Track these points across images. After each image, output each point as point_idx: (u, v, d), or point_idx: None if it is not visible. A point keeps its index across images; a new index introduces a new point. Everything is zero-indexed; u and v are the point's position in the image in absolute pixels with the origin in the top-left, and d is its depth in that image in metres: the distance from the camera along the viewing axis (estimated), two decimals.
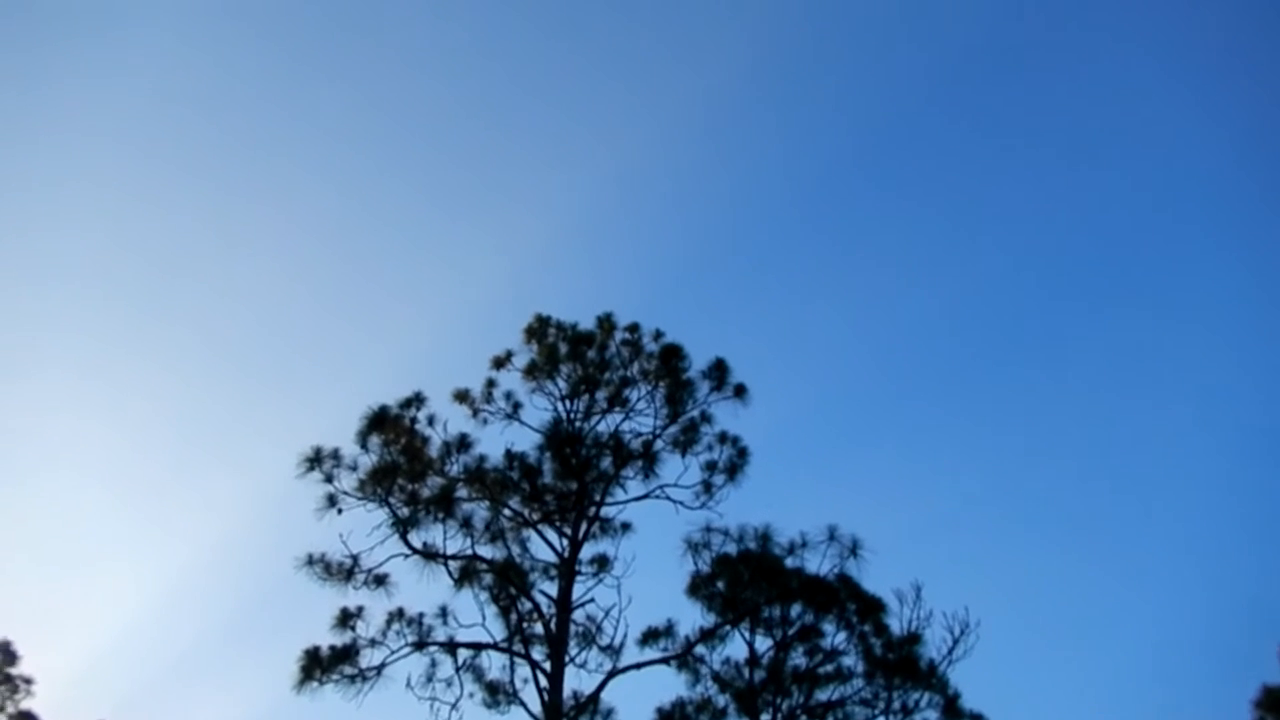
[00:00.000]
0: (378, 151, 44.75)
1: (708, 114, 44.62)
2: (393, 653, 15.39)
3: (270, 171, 44.65)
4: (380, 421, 16.46)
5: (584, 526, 16.62)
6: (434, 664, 15.70)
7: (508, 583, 15.65)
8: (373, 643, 15.33)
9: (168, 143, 41.60)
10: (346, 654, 15.21)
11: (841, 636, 16.23)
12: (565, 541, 16.42)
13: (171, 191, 42.57)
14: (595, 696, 15.66)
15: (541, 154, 45.95)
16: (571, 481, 16.75)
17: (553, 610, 15.52)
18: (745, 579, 15.84)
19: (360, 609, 15.43)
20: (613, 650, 15.69)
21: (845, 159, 46.31)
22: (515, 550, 16.24)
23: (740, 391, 17.50)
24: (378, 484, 15.98)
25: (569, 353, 17.77)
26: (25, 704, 22.70)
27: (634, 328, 18.00)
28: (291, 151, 44.09)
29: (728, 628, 15.83)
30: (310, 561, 15.49)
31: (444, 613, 15.60)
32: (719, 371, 17.57)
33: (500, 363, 17.85)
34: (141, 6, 38.20)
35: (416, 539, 15.75)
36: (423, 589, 15.55)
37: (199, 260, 41.95)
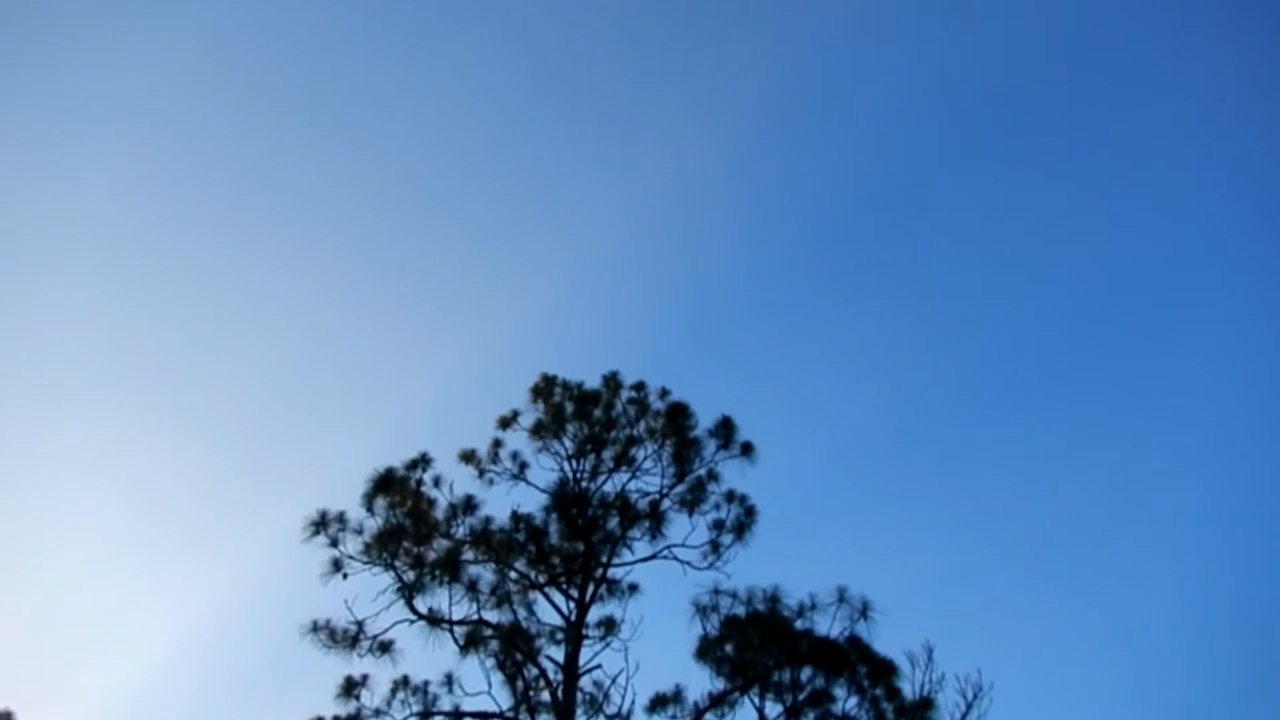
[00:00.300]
0: (385, 208, 44.97)
1: (716, 171, 44.83)
2: None
3: (276, 228, 44.90)
4: (386, 484, 16.40)
5: (591, 589, 16.48)
6: None
7: (514, 649, 15.46)
8: (377, 713, 15.15)
9: (173, 198, 41.84)
10: None
11: (853, 701, 15.94)
12: (572, 604, 16.27)
13: (175, 248, 42.75)
14: None
15: (549, 211, 46.17)
16: (578, 543, 16.64)
17: (559, 677, 15.32)
18: (755, 642, 15.62)
19: (365, 677, 15.29)
20: (620, 718, 15.46)
21: (856, 213, 46.36)
22: (521, 614, 16.07)
23: (747, 449, 17.45)
24: (383, 547, 15.87)
25: (575, 412, 17.75)
26: None
27: (640, 386, 18.02)
28: (299, 209, 44.35)
29: (737, 694, 15.58)
30: (315, 628, 15.35)
31: (449, 680, 15.44)
32: (726, 429, 17.53)
33: (506, 422, 17.86)
34: (143, 70, 38.54)
35: (422, 604, 15.58)
36: (428, 656, 15.38)
37: (203, 318, 42.03)
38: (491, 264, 45.74)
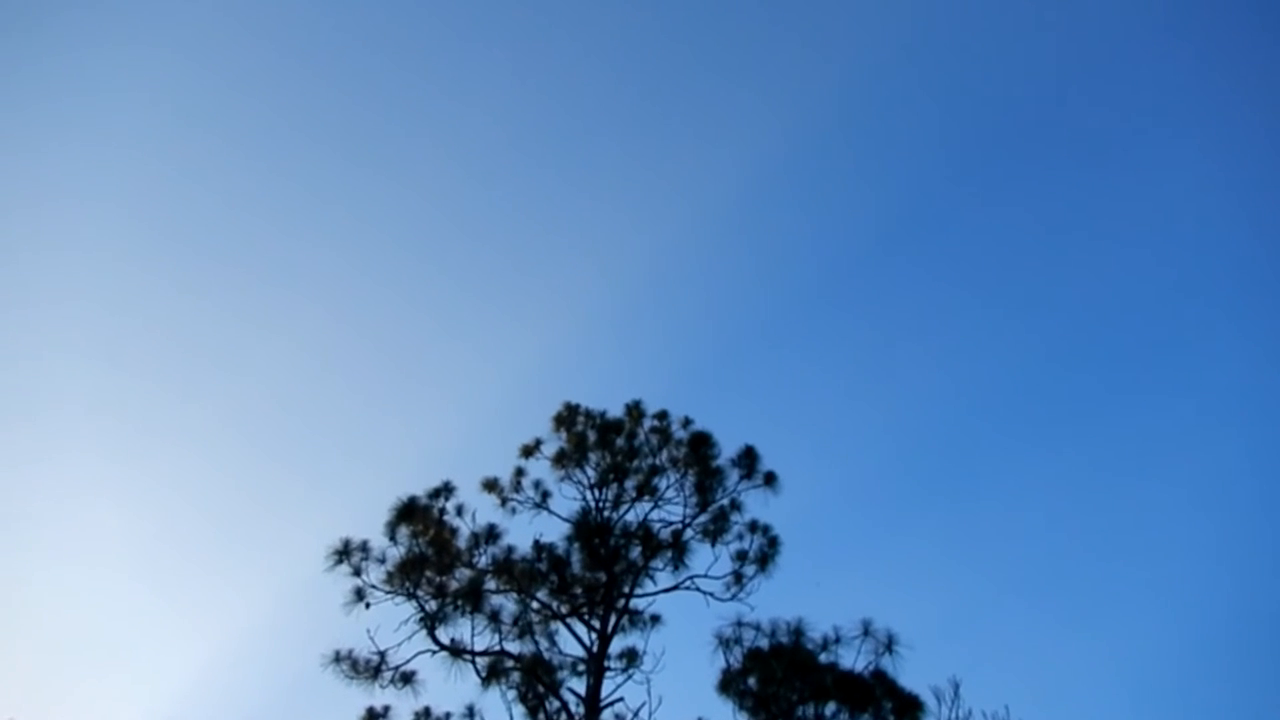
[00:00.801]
0: (410, 237, 45.30)
1: (738, 201, 44.92)
2: None
3: (299, 255, 45.19)
4: (409, 512, 16.43)
5: (613, 619, 16.41)
6: None
7: (536, 680, 15.39)
8: None
9: (194, 221, 42.25)
10: None
11: None
12: (594, 635, 16.20)
13: (199, 274, 43.03)
14: None
15: (572, 241, 46.39)
16: (600, 573, 16.60)
17: (581, 709, 15.23)
18: (778, 676, 15.49)
19: (387, 709, 15.26)
20: None
21: (875, 246, 46.41)
22: (543, 645, 16.00)
23: (770, 479, 17.40)
24: (406, 576, 15.88)
25: (598, 441, 17.75)
26: None
27: (662, 415, 18.01)
28: (323, 236, 44.70)
29: None
30: (337, 658, 15.33)
31: (471, 712, 15.34)
32: (748, 459, 17.49)
33: (529, 451, 17.87)
34: (147, 87, 38.97)
35: (444, 634, 15.56)
36: (450, 687, 15.31)
37: (226, 345, 42.33)
38: (515, 292, 45.89)
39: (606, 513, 17.18)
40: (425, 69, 44.76)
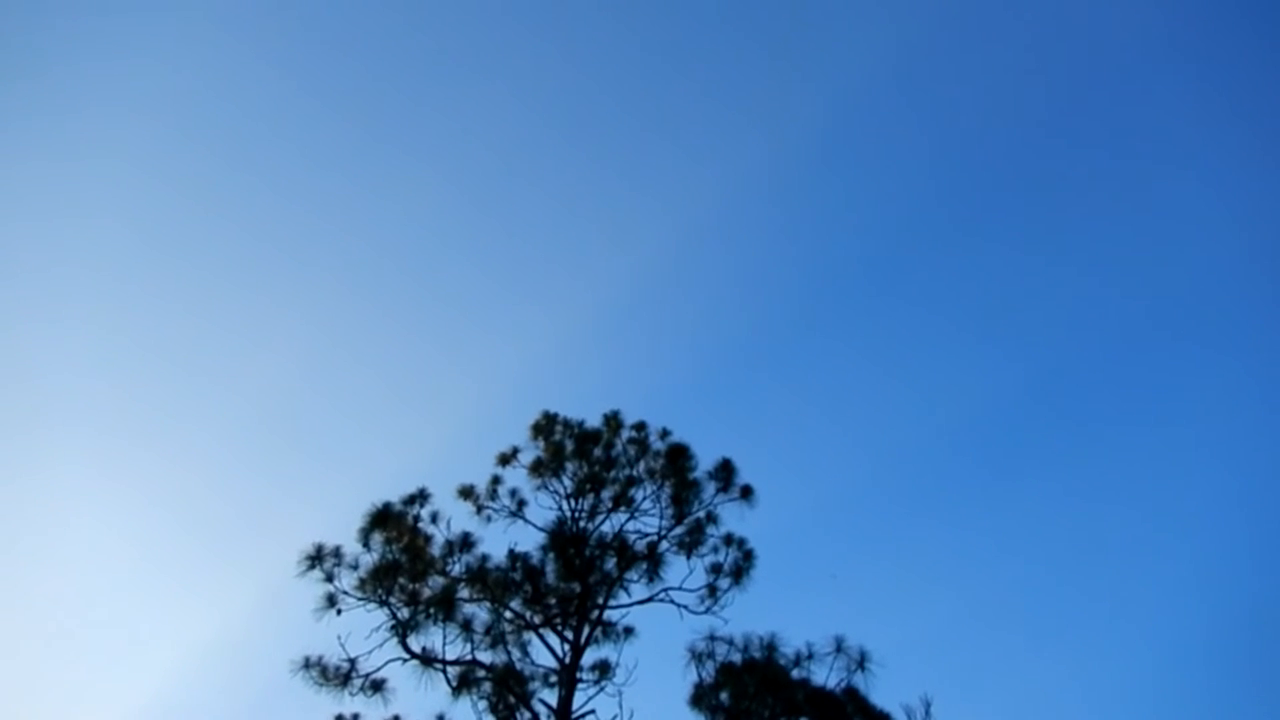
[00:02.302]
0: (388, 245, 45.19)
1: (720, 220, 45.12)
2: None
3: (279, 265, 45.02)
4: (383, 519, 16.31)
5: (586, 630, 16.34)
6: None
7: (507, 691, 15.31)
8: None
9: (179, 231, 41.97)
10: None
11: None
12: (567, 646, 16.13)
13: (176, 281, 42.74)
14: None
15: (554, 252, 46.43)
16: (575, 583, 16.52)
17: None
18: (750, 691, 15.46)
19: (356, 716, 15.13)
20: None
21: (856, 267, 46.75)
22: (516, 655, 15.92)
23: (747, 493, 17.35)
24: (378, 583, 15.76)
25: (575, 450, 17.67)
26: None
27: (640, 426, 17.96)
28: (303, 245, 44.58)
29: None
30: (307, 665, 15.18)
31: None
32: (725, 472, 17.44)
33: (506, 459, 17.77)
34: (144, 93, 38.70)
35: (415, 643, 15.46)
36: (420, 696, 15.22)
37: (207, 354, 42.05)
38: (497, 303, 45.86)
39: (582, 523, 17.11)
40: (413, 88, 44.83)
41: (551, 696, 15.60)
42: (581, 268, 45.80)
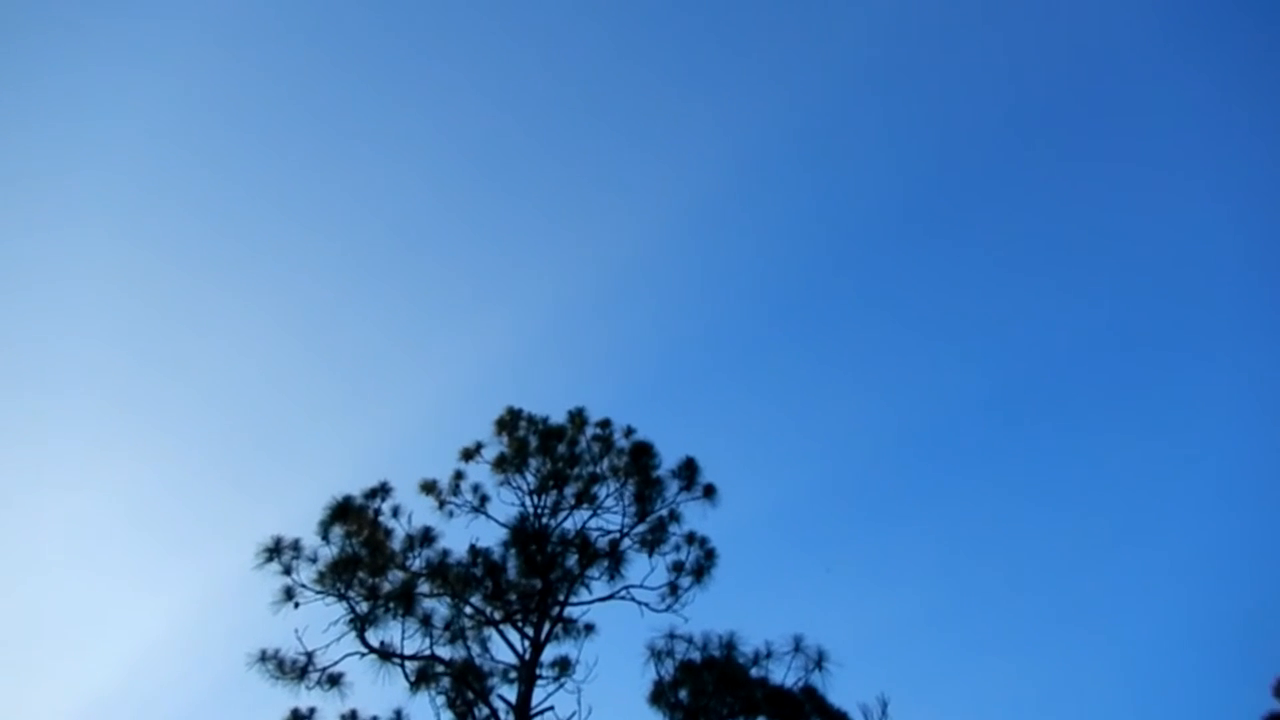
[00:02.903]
0: (352, 241, 44.94)
1: (687, 220, 45.28)
2: None
3: (243, 256, 44.62)
4: (343, 512, 16.16)
5: (547, 627, 16.30)
6: None
7: (466, 686, 15.24)
8: None
9: (148, 226, 41.48)
10: None
11: None
12: (527, 643, 16.08)
13: (133, 272, 42.23)
14: None
15: (520, 250, 46.35)
16: (536, 580, 16.47)
17: (510, 718, 15.11)
18: (709, 689, 15.51)
19: (312, 710, 14.99)
20: None
21: (823, 269, 47.12)
22: (475, 651, 15.83)
23: (710, 492, 17.41)
24: (337, 577, 15.60)
25: (539, 447, 17.64)
26: None
27: (605, 423, 17.95)
28: (268, 240, 44.20)
29: None
30: (263, 658, 15.02)
31: (399, 717, 15.08)
32: (689, 471, 17.49)
33: (469, 454, 17.71)
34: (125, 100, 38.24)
35: (374, 637, 15.31)
36: (378, 691, 15.08)
37: (161, 342, 41.56)
38: (463, 297, 45.75)
39: (545, 519, 17.08)
40: (373, 83, 44.62)
41: (510, 692, 15.55)
42: (548, 265, 45.77)
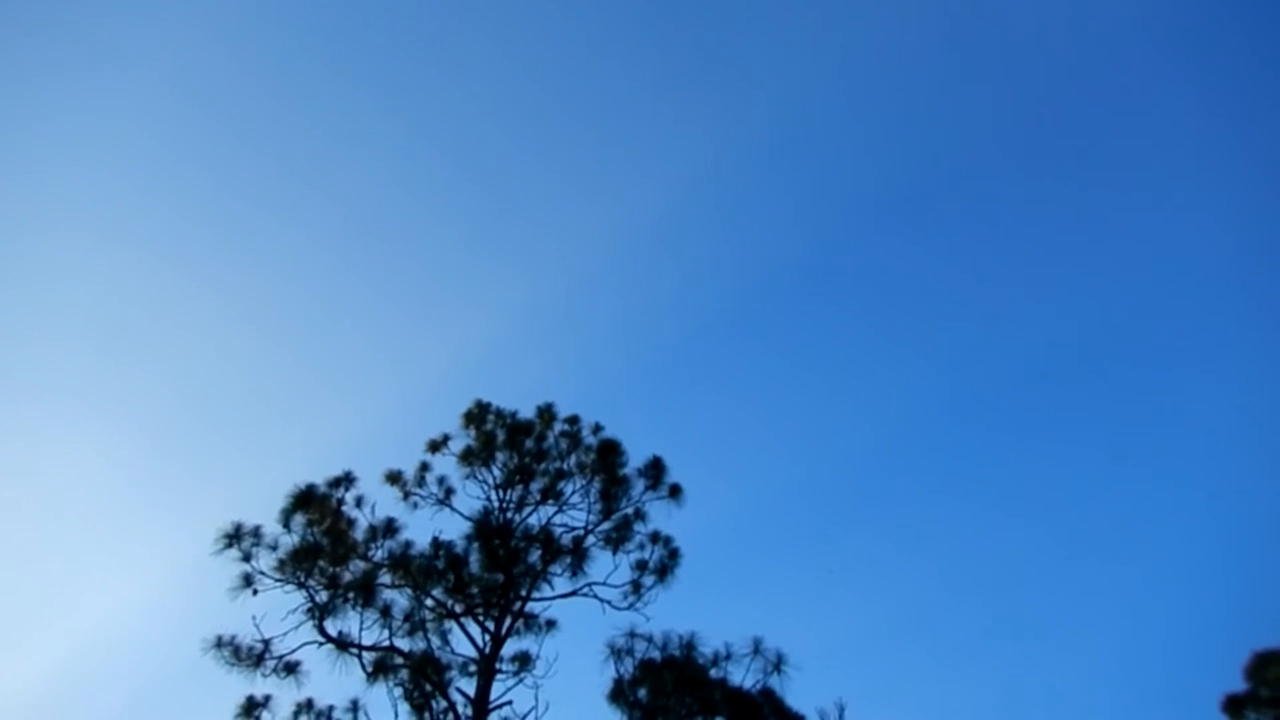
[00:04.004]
0: (322, 232, 44.65)
1: (660, 222, 45.35)
2: None
3: (213, 245, 44.19)
4: (306, 500, 16.05)
5: (508, 622, 16.25)
6: None
7: (424, 679, 15.15)
8: None
9: (123, 216, 41.00)
10: None
11: None
12: (487, 637, 16.01)
13: (105, 257, 41.69)
14: None
15: (497, 244, 46.31)
16: (498, 574, 16.41)
17: (469, 711, 15.04)
18: (668, 688, 15.54)
19: (268, 698, 14.85)
20: None
21: (789, 273, 47.42)
22: (435, 643, 15.75)
23: (675, 492, 17.41)
24: (297, 565, 15.51)
25: (506, 441, 17.57)
26: None
27: (574, 420, 17.92)
28: (237, 230, 43.81)
29: None
30: (219, 644, 14.88)
31: (355, 707, 15.03)
32: (655, 470, 17.47)
33: (436, 446, 17.58)
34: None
35: (332, 627, 15.26)
36: (334, 681, 15.00)
37: (134, 327, 41.06)
38: (439, 288, 45.60)
39: (509, 514, 17.01)
40: (349, 80, 44.34)
41: (469, 686, 15.48)
42: (523, 260, 45.71)
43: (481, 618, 16.20)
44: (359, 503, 16.45)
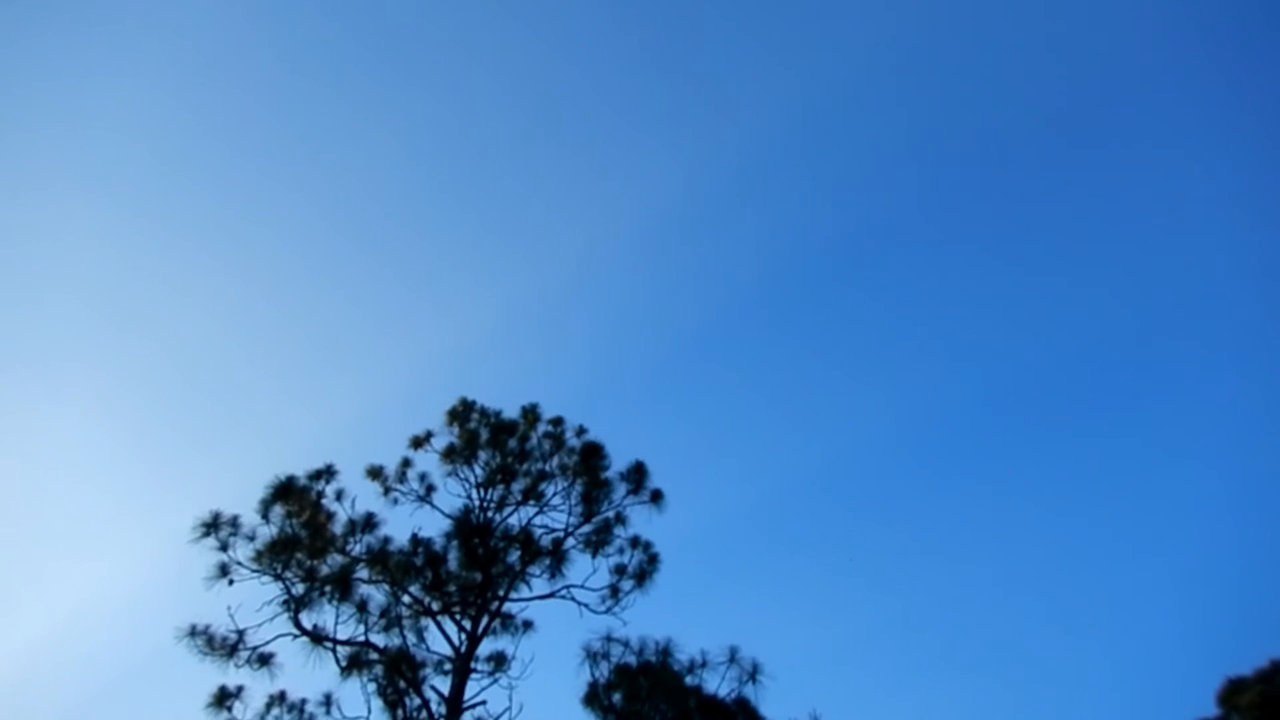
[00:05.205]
0: (329, 217, 44.50)
1: (681, 206, 45.34)
2: None
3: (221, 226, 44.01)
4: (286, 492, 15.97)
5: (484, 621, 16.18)
6: None
7: (398, 675, 15.05)
8: None
9: (127, 191, 40.78)
10: None
11: None
12: (463, 635, 15.94)
13: (115, 232, 41.42)
14: None
15: (501, 233, 46.27)
16: (476, 573, 16.35)
17: (442, 709, 14.96)
18: (643, 694, 15.50)
19: (240, 689, 14.73)
20: None
21: (757, 288, 47.59)
22: (411, 639, 15.67)
23: (657, 497, 17.39)
24: (275, 557, 15.41)
25: (489, 440, 17.52)
26: None
27: (558, 421, 17.89)
28: (244, 212, 43.66)
29: None
30: (193, 633, 14.76)
31: (328, 701, 14.93)
32: (638, 474, 17.46)
33: (419, 442, 17.53)
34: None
35: (308, 620, 15.16)
36: (308, 674, 14.90)
37: (133, 305, 40.81)
38: (434, 280, 45.48)
39: (490, 513, 16.96)
40: (344, 92, 44.26)
41: (444, 684, 15.38)
42: (530, 249, 45.58)
43: (458, 616, 16.13)
44: (339, 496, 16.38)
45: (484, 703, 15.19)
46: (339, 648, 15.08)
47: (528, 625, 16.58)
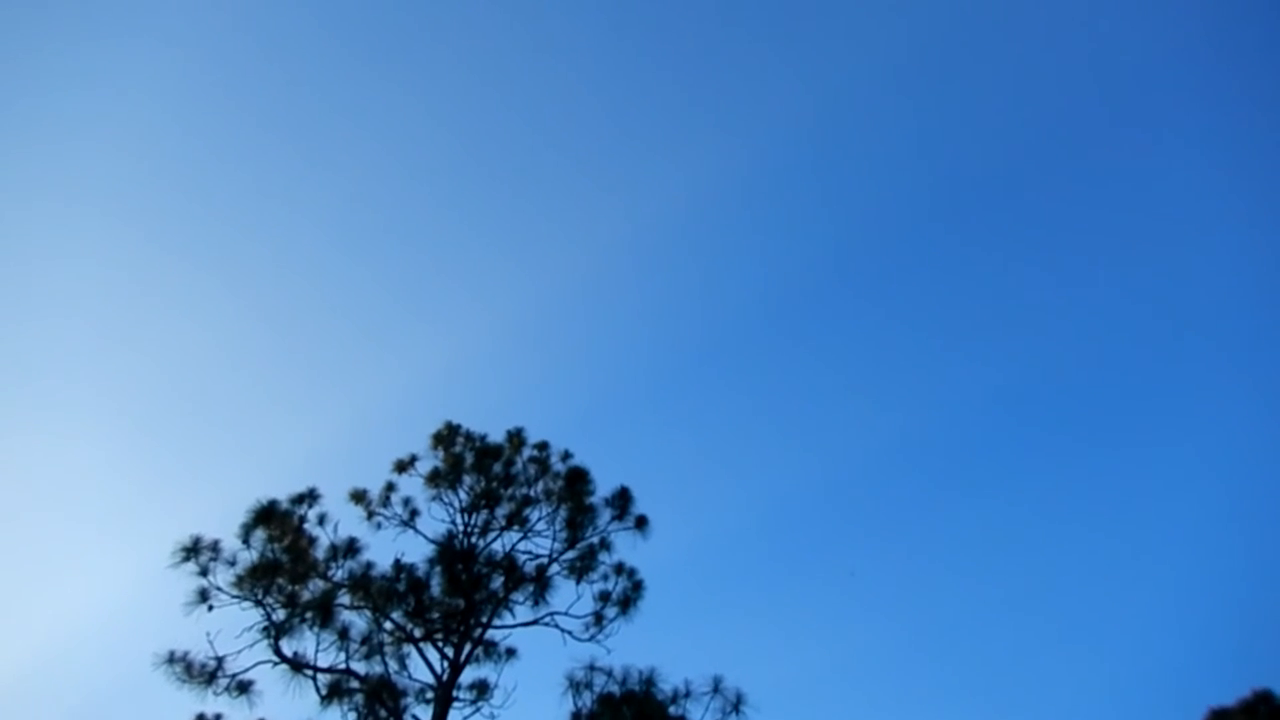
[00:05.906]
0: (323, 229, 44.33)
1: (641, 240, 45.39)
2: None
3: (211, 238, 43.75)
4: (267, 516, 15.82)
5: (467, 648, 16.06)
6: None
7: (379, 704, 14.90)
8: None
9: (117, 203, 40.49)
10: None
11: None
12: (446, 663, 15.81)
13: (100, 244, 41.13)
14: None
15: (497, 252, 46.19)
16: (459, 599, 16.23)
17: None
18: None
19: (218, 717, 14.54)
20: None
21: (758, 302, 47.63)
22: (392, 667, 15.52)
23: (641, 523, 17.32)
24: (255, 582, 15.25)
25: (474, 464, 17.41)
26: None
27: (543, 445, 17.80)
28: (236, 223, 43.44)
29: None
30: (171, 659, 14.58)
31: None
32: (622, 500, 17.38)
33: (403, 466, 17.42)
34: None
35: (288, 647, 14.99)
36: (288, 702, 14.70)
37: (119, 316, 40.49)
38: (429, 295, 45.32)
39: (474, 538, 16.85)
40: (333, 100, 44.11)
41: (425, 713, 15.25)
42: (529, 261, 45.45)
43: (441, 643, 16.00)
44: (321, 520, 16.26)
45: None
46: (319, 675, 14.92)
47: (511, 653, 16.50)
